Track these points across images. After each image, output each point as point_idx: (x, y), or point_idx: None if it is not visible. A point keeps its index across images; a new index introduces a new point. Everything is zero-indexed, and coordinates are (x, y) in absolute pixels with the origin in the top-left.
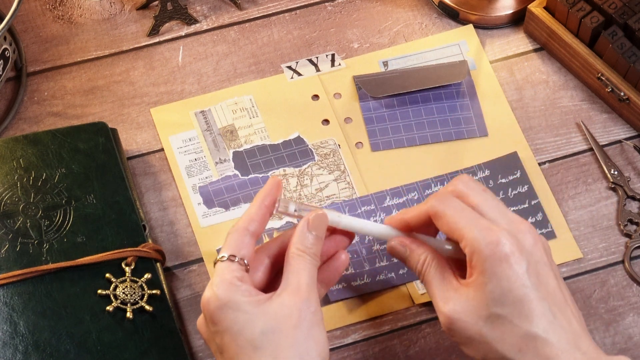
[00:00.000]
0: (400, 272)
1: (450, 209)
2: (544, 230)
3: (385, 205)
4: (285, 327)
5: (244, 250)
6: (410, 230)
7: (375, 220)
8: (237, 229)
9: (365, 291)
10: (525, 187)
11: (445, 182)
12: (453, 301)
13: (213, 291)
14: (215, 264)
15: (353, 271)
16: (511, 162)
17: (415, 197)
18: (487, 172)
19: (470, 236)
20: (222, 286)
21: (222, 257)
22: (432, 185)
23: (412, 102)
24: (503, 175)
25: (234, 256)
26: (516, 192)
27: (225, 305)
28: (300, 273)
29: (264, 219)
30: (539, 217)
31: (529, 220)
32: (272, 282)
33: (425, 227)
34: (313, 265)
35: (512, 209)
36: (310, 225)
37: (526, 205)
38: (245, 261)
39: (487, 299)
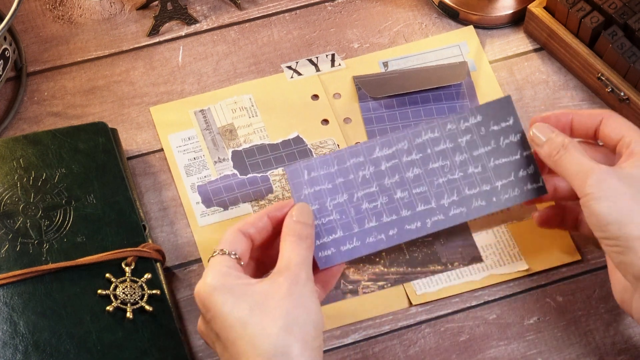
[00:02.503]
0: (390, 232)
1: (625, 119)
2: (534, 185)
3: (375, 156)
4: (273, 299)
5: (238, 247)
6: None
7: (364, 174)
8: (232, 229)
9: (355, 256)
10: (518, 135)
11: (437, 130)
12: (606, 167)
13: (204, 280)
14: (208, 260)
15: (342, 234)
16: (504, 107)
17: (405, 147)
18: (479, 118)
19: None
20: (211, 274)
21: (214, 252)
22: (423, 133)
23: (411, 103)
24: (495, 121)
25: (222, 250)
26: (508, 141)
27: (215, 289)
28: (291, 254)
29: (263, 229)
30: (530, 170)
31: (520, 173)
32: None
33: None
34: (305, 246)
35: (502, 160)
36: (295, 216)
37: (518, 156)
38: (238, 255)
39: None
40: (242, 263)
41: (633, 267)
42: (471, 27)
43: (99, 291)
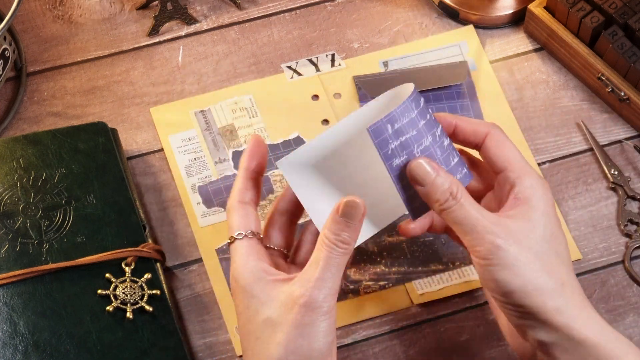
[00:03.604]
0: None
1: (509, 141)
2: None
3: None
4: (283, 321)
5: (251, 223)
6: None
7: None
8: (233, 207)
9: None
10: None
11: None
12: (501, 227)
13: (235, 272)
14: (229, 244)
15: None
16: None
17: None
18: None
19: (529, 172)
20: (240, 268)
21: (232, 237)
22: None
23: None
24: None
25: (241, 233)
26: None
27: (242, 289)
28: (318, 263)
29: (256, 185)
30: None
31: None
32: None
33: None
34: (338, 255)
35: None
36: (340, 213)
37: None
38: (256, 231)
39: (538, 234)
40: (261, 236)
41: (536, 333)
42: (471, 26)
43: (99, 291)
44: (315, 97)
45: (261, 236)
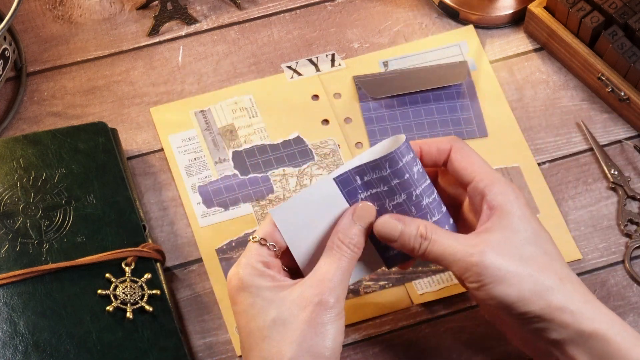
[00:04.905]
0: (450, 221)
1: (472, 151)
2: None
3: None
4: (296, 320)
5: (279, 235)
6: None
7: (418, 169)
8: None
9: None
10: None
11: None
12: (481, 246)
13: (237, 271)
14: (248, 240)
15: None
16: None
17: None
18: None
19: (497, 179)
20: (247, 269)
21: (255, 238)
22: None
23: (412, 103)
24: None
25: (265, 240)
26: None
27: (246, 288)
28: (331, 265)
29: None
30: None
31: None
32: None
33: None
34: (349, 257)
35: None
36: (355, 216)
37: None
38: (276, 247)
39: (520, 238)
40: (280, 252)
41: (548, 334)
42: (471, 26)
43: (99, 291)
44: (315, 97)
45: (278, 252)
